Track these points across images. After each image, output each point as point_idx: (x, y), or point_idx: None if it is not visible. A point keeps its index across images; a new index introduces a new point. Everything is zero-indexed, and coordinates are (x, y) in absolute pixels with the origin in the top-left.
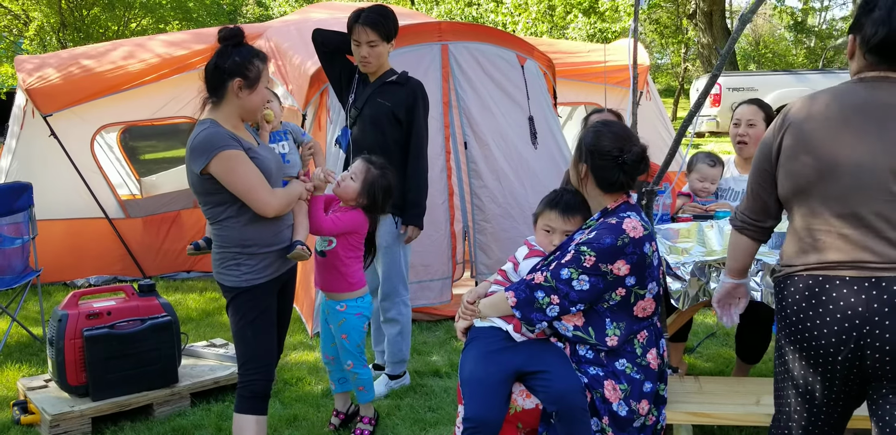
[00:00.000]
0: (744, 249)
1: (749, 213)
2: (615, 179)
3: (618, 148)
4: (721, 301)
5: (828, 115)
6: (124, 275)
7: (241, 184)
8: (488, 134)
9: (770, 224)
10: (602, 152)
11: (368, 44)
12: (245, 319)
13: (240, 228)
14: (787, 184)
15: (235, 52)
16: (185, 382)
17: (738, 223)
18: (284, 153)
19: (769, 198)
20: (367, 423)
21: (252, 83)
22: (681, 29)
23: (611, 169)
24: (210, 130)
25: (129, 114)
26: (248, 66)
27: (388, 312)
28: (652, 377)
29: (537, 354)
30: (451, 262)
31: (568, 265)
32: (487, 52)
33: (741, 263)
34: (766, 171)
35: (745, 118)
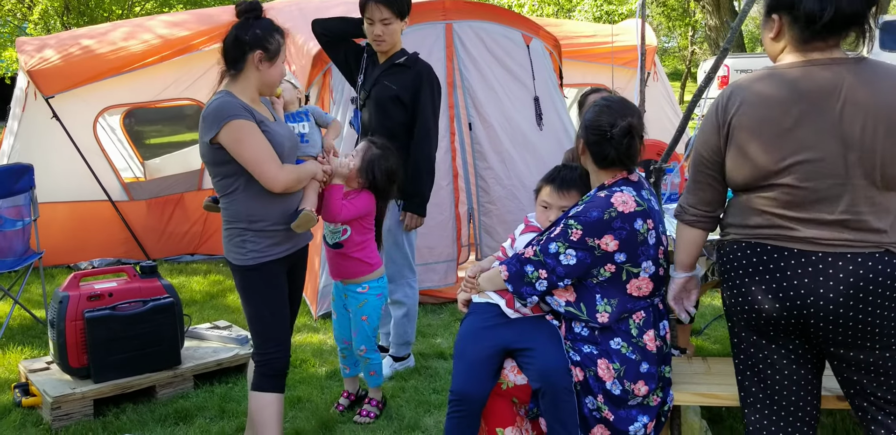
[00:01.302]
0: (696, 242)
1: (701, 205)
2: (606, 154)
3: (609, 123)
4: (677, 298)
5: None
6: (128, 258)
7: (248, 154)
8: (493, 115)
9: (720, 213)
10: (594, 127)
11: (382, 21)
12: (258, 298)
13: (246, 202)
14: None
15: (256, 24)
16: (187, 363)
17: (689, 217)
18: (304, 133)
19: (721, 186)
20: (374, 405)
21: (272, 56)
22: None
23: (601, 144)
24: (223, 100)
25: (132, 96)
26: (269, 38)
27: (394, 295)
28: (650, 359)
29: (527, 331)
30: (456, 244)
31: (556, 239)
32: (492, 31)
33: (693, 256)
34: (715, 161)
35: None
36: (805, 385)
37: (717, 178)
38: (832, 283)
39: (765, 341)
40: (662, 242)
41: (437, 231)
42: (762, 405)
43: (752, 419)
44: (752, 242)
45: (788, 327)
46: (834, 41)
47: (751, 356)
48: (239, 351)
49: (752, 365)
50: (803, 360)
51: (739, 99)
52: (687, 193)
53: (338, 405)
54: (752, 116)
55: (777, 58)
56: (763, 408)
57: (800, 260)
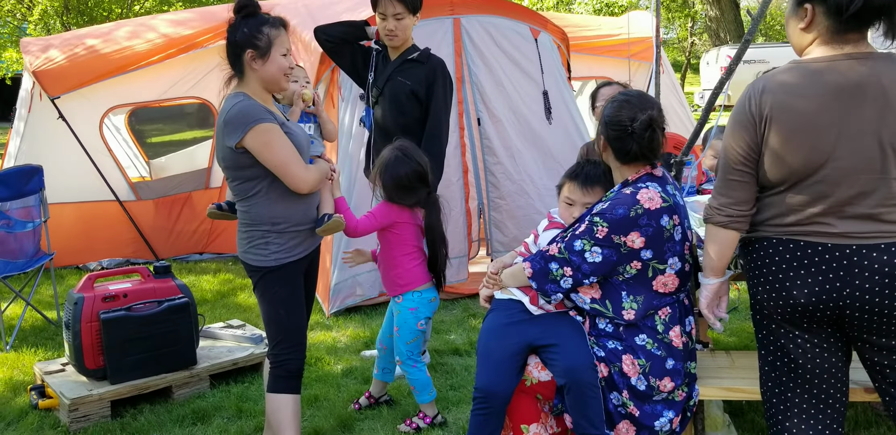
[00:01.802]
0: (731, 244)
1: (735, 205)
2: (629, 149)
3: (630, 117)
4: (710, 305)
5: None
6: (136, 258)
7: (277, 158)
8: (501, 110)
9: (753, 211)
10: (614, 122)
11: (395, 16)
12: (276, 299)
13: (269, 205)
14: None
15: (244, 23)
16: (203, 363)
17: (723, 219)
18: (309, 134)
19: (755, 184)
20: (421, 417)
21: (263, 52)
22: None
23: (623, 139)
24: (245, 103)
25: (137, 95)
26: (257, 35)
27: None
28: (676, 355)
29: (551, 327)
30: (467, 240)
31: (581, 236)
32: (500, 25)
33: (726, 259)
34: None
35: None
36: (835, 373)
37: (752, 175)
38: (867, 273)
39: (797, 332)
40: (688, 237)
41: (449, 227)
42: (792, 394)
43: (779, 409)
44: (784, 238)
45: (823, 318)
46: (863, 34)
47: (781, 347)
48: (254, 350)
49: (782, 356)
50: (834, 348)
51: (774, 94)
52: (718, 194)
53: (355, 403)
54: (790, 112)
55: (805, 50)
56: (793, 397)
57: (834, 254)
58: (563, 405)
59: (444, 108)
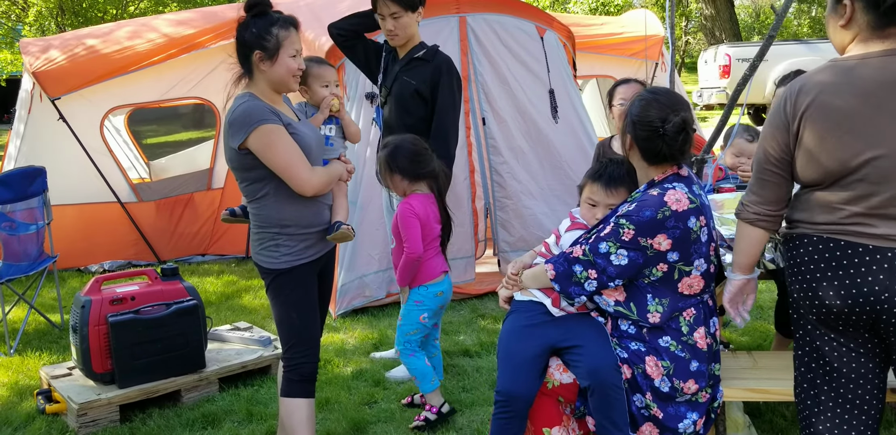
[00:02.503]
0: (758, 242)
1: (764, 204)
2: (658, 150)
3: (661, 118)
4: (733, 300)
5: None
6: (138, 259)
7: (279, 159)
8: (506, 110)
9: (784, 211)
10: (644, 122)
11: (392, 16)
12: (288, 302)
13: (278, 207)
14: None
15: (254, 23)
16: (212, 366)
17: (751, 216)
18: (329, 136)
19: (787, 184)
20: (428, 409)
21: (272, 54)
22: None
23: (653, 140)
24: (249, 104)
25: (138, 95)
26: (266, 36)
27: None
28: (700, 357)
29: (573, 328)
30: (474, 239)
31: (606, 239)
32: (506, 23)
33: (753, 256)
34: (784, 159)
35: None
36: (872, 379)
37: (783, 176)
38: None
39: (833, 335)
40: (713, 237)
41: (457, 227)
42: (826, 398)
43: (812, 411)
44: (825, 236)
45: (859, 322)
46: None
47: (816, 349)
48: (262, 353)
49: (817, 358)
50: (871, 354)
51: (812, 94)
52: (750, 191)
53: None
54: (826, 111)
55: (846, 49)
56: (827, 400)
57: (875, 256)
58: (586, 408)
59: (451, 107)
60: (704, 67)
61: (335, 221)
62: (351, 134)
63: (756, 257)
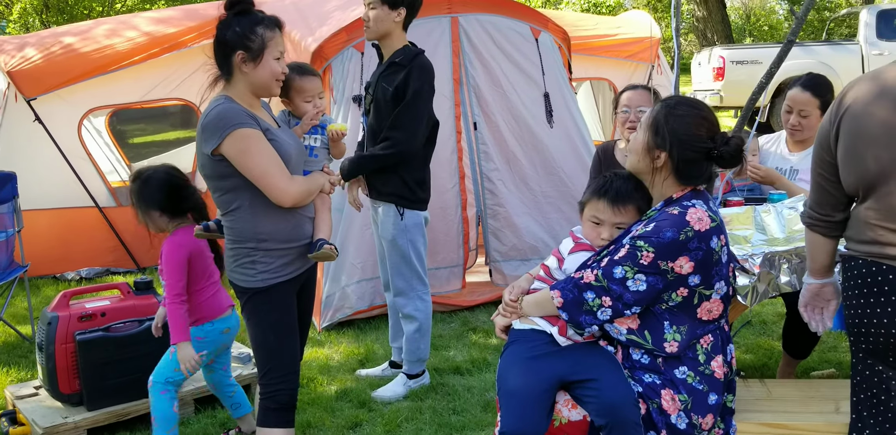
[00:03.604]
0: (819, 247)
1: (816, 207)
2: (701, 173)
3: (710, 138)
4: (809, 304)
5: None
6: (117, 266)
7: (255, 167)
8: (499, 114)
9: (840, 217)
10: (696, 143)
11: (368, 5)
12: (265, 323)
13: (254, 220)
14: (847, 176)
15: (237, 21)
16: (187, 387)
17: (807, 220)
18: (314, 146)
19: (835, 190)
20: None
21: (255, 55)
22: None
23: (700, 162)
24: (224, 107)
25: (118, 96)
26: (250, 35)
27: (405, 308)
28: (717, 388)
29: (584, 360)
30: (464, 248)
31: (622, 262)
32: (500, 24)
33: (820, 261)
34: (827, 162)
35: (797, 107)
36: None
37: (829, 179)
38: None
39: (881, 367)
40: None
41: (442, 236)
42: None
43: None
44: (869, 260)
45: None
46: None
47: (866, 380)
48: (242, 371)
49: (866, 389)
50: None
51: (855, 93)
52: (809, 193)
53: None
54: (861, 112)
55: None
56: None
57: None
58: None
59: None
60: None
61: (318, 239)
62: (338, 153)
63: (827, 262)
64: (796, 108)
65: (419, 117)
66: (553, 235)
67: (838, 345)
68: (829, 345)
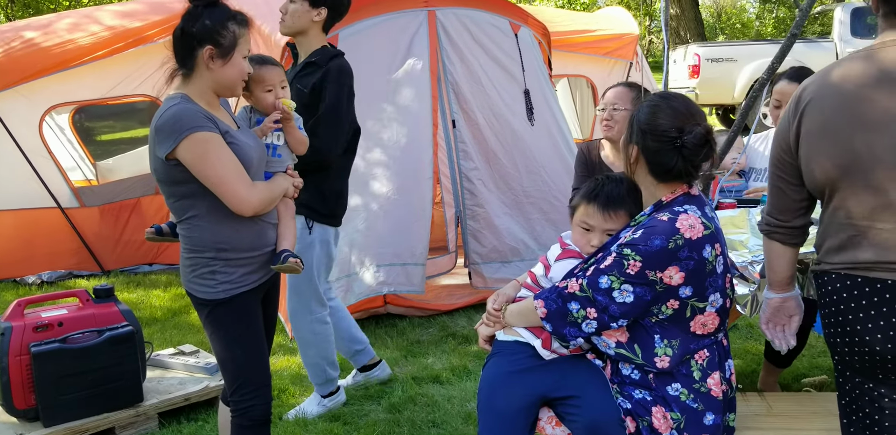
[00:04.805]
0: (780, 256)
1: (775, 213)
2: (672, 166)
3: (677, 127)
4: (771, 321)
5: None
6: (80, 269)
7: (213, 173)
8: (478, 112)
9: (800, 223)
10: (657, 132)
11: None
12: (230, 337)
13: (212, 228)
14: (811, 174)
15: (207, 13)
16: (150, 400)
17: (765, 227)
18: (277, 145)
19: (795, 193)
20: None
21: (226, 52)
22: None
23: (667, 152)
24: (180, 107)
25: (81, 92)
26: (221, 30)
27: (301, 332)
28: (715, 407)
29: (569, 375)
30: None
31: (608, 272)
32: (478, 19)
33: (781, 272)
34: (786, 162)
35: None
36: None
37: (788, 181)
38: None
39: (872, 384)
40: (729, 267)
41: (418, 229)
42: None
43: None
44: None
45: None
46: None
47: (855, 400)
48: (209, 383)
49: (857, 409)
50: None
51: (816, 85)
52: (767, 199)
53: None
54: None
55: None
56: None
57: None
58: None
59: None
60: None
61: (282, 250)
62: (295, 142)
63: (787, 273)
64: (785, 100)
65: (340, 124)
66: (534, 237)
67: (827, 349)
68: (819, 349)
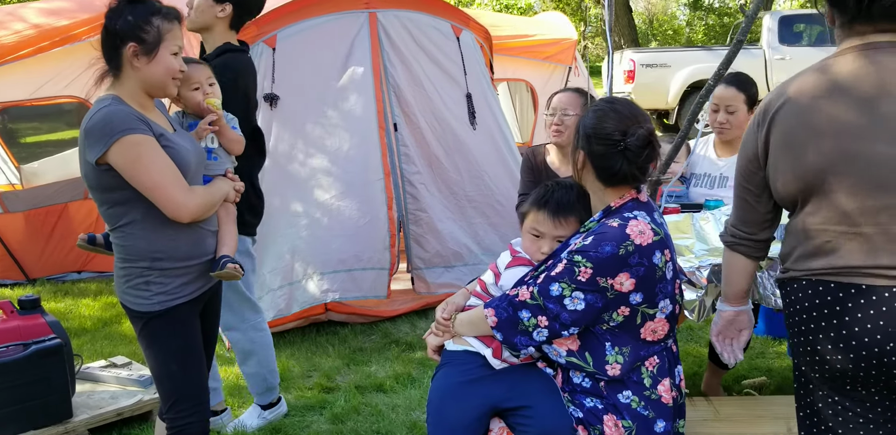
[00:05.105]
0: (741, 270)
1: (740, 225)
2: (617, 169)
3: (620, 131)
4: (722, 334)
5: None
6: (4, 278)
7: (148, 178)
8: (420, 115)
9: (765, 236)
10: (601, 136)
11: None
12: (166, 351)
13: (147, 236)
14: (780, 183)
15: (129, 9)
16: (80, 415)
17: (729, 239)
18: (212, 148)
19: (762, 205)
20: None
21: (150, 48)
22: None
23: (611, 156)
24: (111, 109)
25: (5, 93)
26: (144, 26)
27: (240, 344)
28: (666, 414)
29: (519, 384)
30: (390, 251)
31: (559, 279)
32: (420, 21)
33: (738, 286)
34: (753, 173)
35: (723, 103)
36: None
37: (754, 193)
38: None
39: (837, 398)
40: (678, 273)
41: (366, 233)
42: None
43: None
44: (814, 280)
45: (868, 381)
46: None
47: (818, 413)
48: (142, 396)
49: (818, 422)
50: (883, 419)
51: (786, 93)
52: (731, 211)
53: None
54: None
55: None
56: None
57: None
58: None
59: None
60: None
61: (221, 256)
62: (229, 142)
63: (741, 286)
64: (723, 104)
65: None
66: (477, 241)
67: (766, 350)
68: (757, 351)
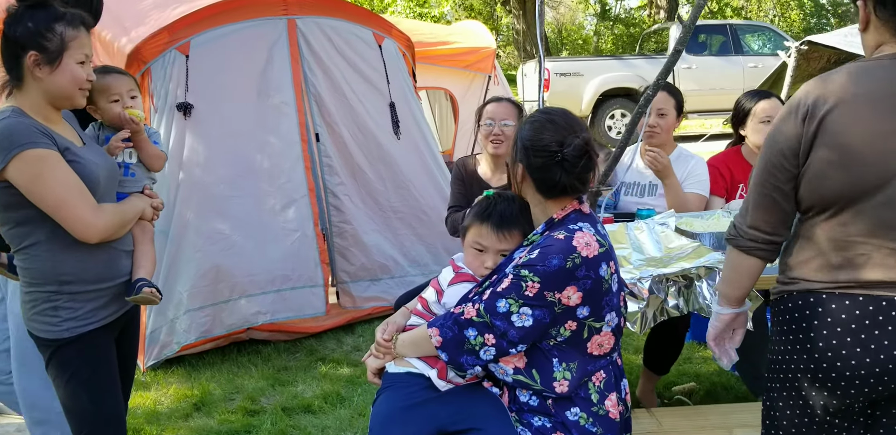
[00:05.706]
0: (753, 273)
1: (763, 226)
2: (556, 181)
3: (557, 142)
4: (719, 337)
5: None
6: None
7: (50, 195)
8: (343, 125)
9: (784, 238)
10: (539, 147)
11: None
12: (75, 381)
13: (54, 258)
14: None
15: (30, 15)
16: None
17: (746, 243)
18: (129, 163)
19: (788, 202)
20: None
21: (52, 57)
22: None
23: (550, 168)
24: (10, 121)
25: None
26: (46, 33)
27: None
28: (613, 429)
29: (466, 406)
30: (321, 266)
31: (506, 295)
32: (341, 29)
33: (746, 289)
34: (784, 169)
35: (655, 106)
36: None
37: (783, 190)
38: None
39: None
40: (622, 284)
41: (295, 252)
42: None
43: None
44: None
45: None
46: None
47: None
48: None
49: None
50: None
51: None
52: (745, 213)
53: None
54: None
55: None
56: None
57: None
58: None
59: None
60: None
61: (137, 278)
62: (149, 158)
63: (748, 289)
64: (654, 107)
65: None
66: (404, 253)
67: (692, 356)
68: (684, 356)
